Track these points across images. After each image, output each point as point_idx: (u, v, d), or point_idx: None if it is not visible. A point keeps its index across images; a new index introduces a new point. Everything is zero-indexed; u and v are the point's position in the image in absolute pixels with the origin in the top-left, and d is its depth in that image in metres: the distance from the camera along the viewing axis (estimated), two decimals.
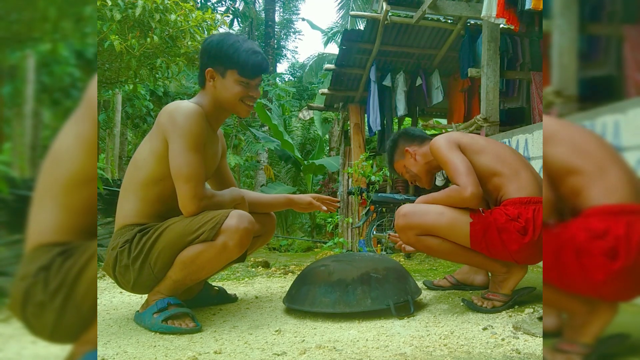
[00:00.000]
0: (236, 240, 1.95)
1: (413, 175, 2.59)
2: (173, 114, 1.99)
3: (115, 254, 2.01)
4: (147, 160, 2.05)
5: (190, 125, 1.97)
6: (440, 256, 2.36)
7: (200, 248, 1.94)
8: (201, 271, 2.02)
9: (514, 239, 2.10)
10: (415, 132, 2.62)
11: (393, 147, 2.62)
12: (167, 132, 1.98)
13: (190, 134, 1.96)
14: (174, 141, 1.96)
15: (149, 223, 2.05)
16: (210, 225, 1.93)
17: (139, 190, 2.07)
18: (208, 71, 2.10)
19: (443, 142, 2.32)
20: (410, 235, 2.25)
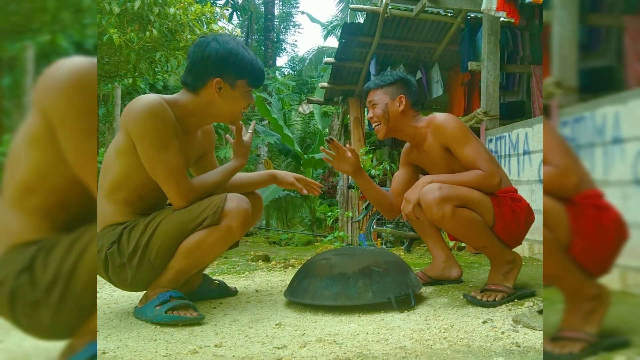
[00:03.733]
0: (240, 221, 1.97)
1: (383, 117, 2.43)
2: (132, 112, 1.88)
3: (105, 256, 1.96)
4: (113, 159, 1.99)
5: (153, 122, 1.87)
6: (470, 232, 2.23)
7: (205, 233, 1.95)
8: (206, 257, 2.03)
9: (521, 219, 2.24)
10: (415, 91, 2.51)
11: (392, 81, 2.47)
12: (130, 132, 1.90)
13: (155, 133, 1.87)
14: (140, 142, 1.89)
15: (129, 220, 2.01)
16: (212, 210, 1.94)
17: (112, 193, 2.01)
18: (216, 81, 1.99)
19: (461, 123, 2.30)
20: (448, 208, 2.13)
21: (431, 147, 2.42)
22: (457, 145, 2.27)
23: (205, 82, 2.00)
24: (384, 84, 2.46)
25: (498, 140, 4.17)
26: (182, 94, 2.07)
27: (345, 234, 7.05)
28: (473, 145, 2.26)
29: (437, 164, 2.44)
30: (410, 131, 2.47)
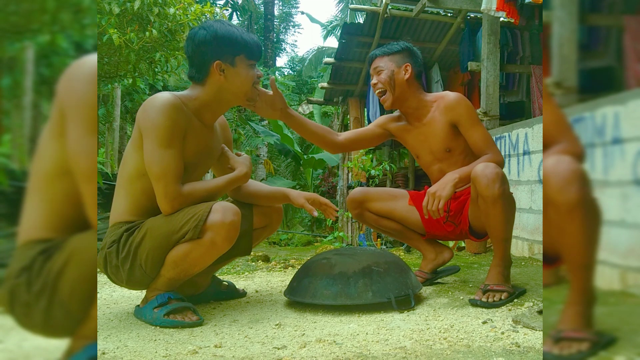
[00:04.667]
0: (223, 235, 1.88)
1: (389, 84, 2.43)
2: (146, 107, 1.91)
3: (104, 254, 1.97)
4: (131, 154, 2.00)
5: (162, 119, 1.87)
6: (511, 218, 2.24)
7: (188, 247, 1.89)
8: (194, 268, 1.98)
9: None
10: (420, 64, 2.50)
11: (399, 50, 2.49)
12: (140, 126, 1.92)
13: (161, 129, 1.87)
14: (146, 137, 1.90)
15: (136, 221, 2.00)
16: (194, 224, 1.85)
17: (126, 186, 2.02)
18: (216, 64, 1.99)
19: (472, 106, 2.38)
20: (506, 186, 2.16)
21: (434, 122, 2.44)
22: (470, 124, 2.31)
23: (207, 69, 2.01)
24: (391, 52, 2.47)
25: (498, 141, 4.17)
26: (192, 89, 2.07)
27: (345, 234, 7.06)
28: (483, 128, 2.34)
29: (433, 139, 2.45)
30: (415, 102, 2.47)
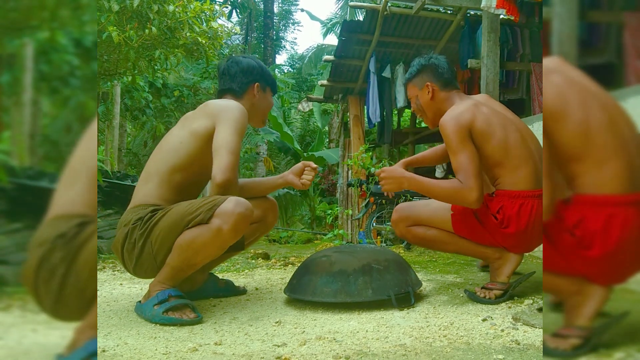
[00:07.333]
0: (231, 224, 1.94)
1: (420, 109, 2.50)
2: (228, 105, 2.17)
3: (127, 231, 2.04)
4: (185, 143, 2.14)
5: (242, 117, 2.14)
6: (429, 246, 2.54)
7: (196, 232, 1.95)
8: (197, 256, 2.00)
9: (495, 229, 2.22)
10: (445, 71, 2.42)
11: (417, 72, 2.47)
12: (218, 117, 2.12)
13: (241, 124, 2.12)
14: (225, 123, 2.09)
15: (163, 205, 2.09)
16: (208, 207, 1.94)
17: (165, 174, 2.13)
18: (257, 85, 2.39)
19: (454, 127, 2.18)
20: (401, 227, 2.46)
21: None
22: (449, 153, 2.22)
23: (247, 87, 2.38)
24: (411, 77, 2.50)
25: None
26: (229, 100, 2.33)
27: (345, 231, 7.05)
28: (459, 154, 2.16)
29: None
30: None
